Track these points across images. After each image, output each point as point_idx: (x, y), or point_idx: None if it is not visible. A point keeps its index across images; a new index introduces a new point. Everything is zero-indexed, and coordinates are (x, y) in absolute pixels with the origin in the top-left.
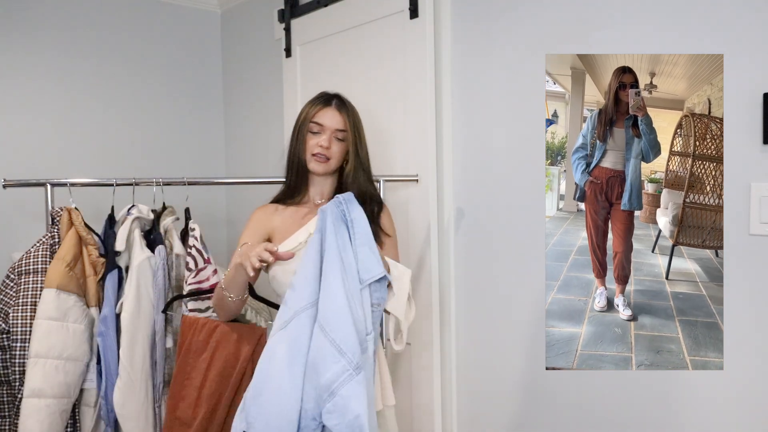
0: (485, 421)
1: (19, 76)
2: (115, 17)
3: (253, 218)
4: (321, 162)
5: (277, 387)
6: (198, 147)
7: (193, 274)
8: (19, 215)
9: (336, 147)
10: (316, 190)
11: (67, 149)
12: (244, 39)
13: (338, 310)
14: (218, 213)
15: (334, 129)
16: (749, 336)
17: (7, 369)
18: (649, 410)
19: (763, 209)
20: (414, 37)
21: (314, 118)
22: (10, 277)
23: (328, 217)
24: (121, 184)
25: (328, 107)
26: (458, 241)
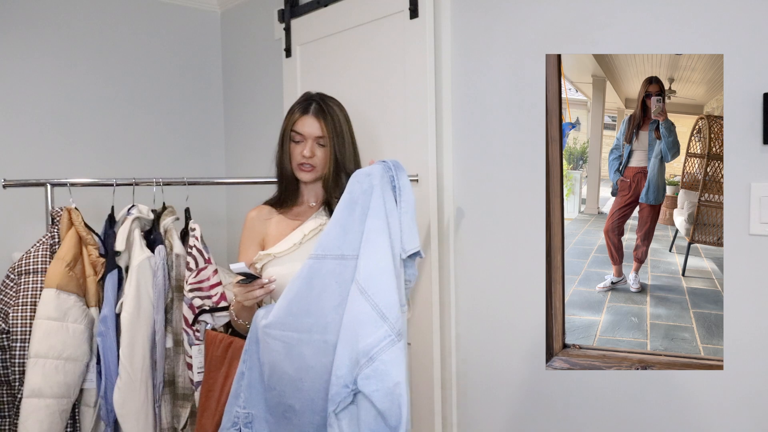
0: (485, 421)
1: (19, 76)
2: (115, 17)
3: (246, 225)
4: (307, 171)
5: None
6: (198, 147)
7: (194, 274)
8: (19, 215)
9: (320, 153)
10: (309, 193)
11: (67, 149)
12: (244, 39)
13: (383, 272)
14: (218, 213)
15: (315, 136)
16: (749, 336)
17: (7, 369)
18: (649, 410)
19: (763, 209)
20: (414, 37)
21: (294, 127)
22: (10, 277)
23: (376, 179)
24: (121, 184)
25: (306, 115)
26: (458, 241)
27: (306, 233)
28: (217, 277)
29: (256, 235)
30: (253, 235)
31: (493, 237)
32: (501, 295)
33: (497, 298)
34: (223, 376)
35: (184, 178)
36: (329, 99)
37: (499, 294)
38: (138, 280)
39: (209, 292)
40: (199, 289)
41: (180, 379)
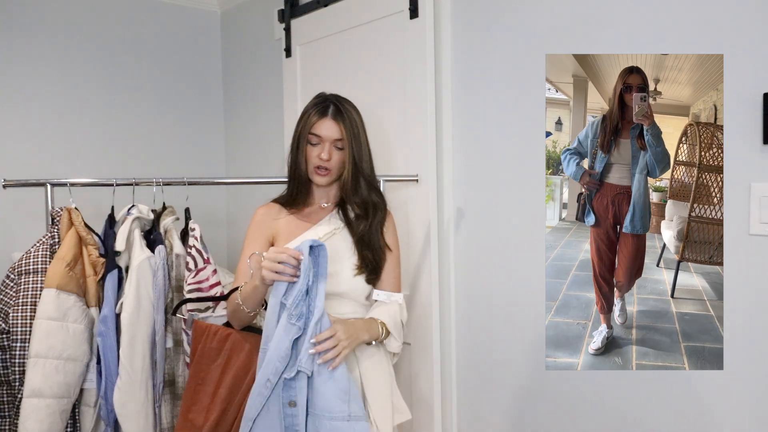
0: (485, 421)
1: (20, 76)
2: (115, 17)
3: (255, 220)
4: (323, 175)
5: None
6: (198, 147)
7: (193, 274)
8: (19, 215)
9: (336, 156)
10: (320, 195)
11: (67, 149)
12: (244, 39)
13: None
14: (218, 213)
15: (333, 139)
16: (749, 336)
17: (7, 369)
18: (649, 410)
19: (763, 209)
20: (414, 37)
21: (312, 130)
22: (10, 277)
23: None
24: (121, 184)
25: (324, 118)
26: (458, 241)
27: (320, 236)
28: (217, 277)
29: (265, 231)
30: (261, 230)
31: (492, 236)
32: (501, 295)
33: (497, 298)
34: (219, 369)
35: (184, 178)
36: (345, 101)
37: (498, 294)
38: (138, 280)
39: (208, 292)
40: (199, 290)
41: (180, 379)
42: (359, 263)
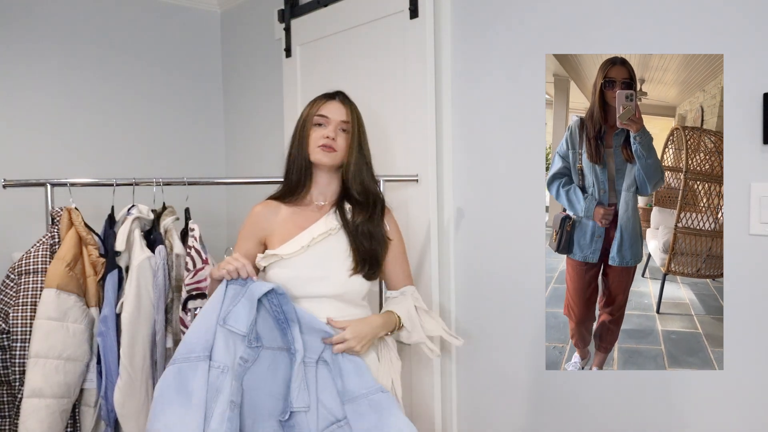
0: (485, 422)
1: (20, 76)
2: (115, 17)
3: (250, 219)
4: (327, 152)
5: None
6: (198, 147)
7: (191, 275)
8: (19, 215)
9: (341, 139)
10: (318, 189)
11: (67, 149)
12: (244, 39)
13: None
14: (218, 213)
15: (340, 120)
16: (749, 336)
17: (7, 369)
18: (649, 410)
19: (763, 209)
20: (414, 37)
21: (319, 111)
22: (10, 277)
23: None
24: (121, 184)
25: (332, 100)
26: (458, 241)
27: (315, 236)
28: None
29: (259, 231)
30: (255, 230)
31: (492, 236)
32: (501, 295)
33: (497, 298)
34: None
35: (184, 178)
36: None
37: (498, 293)
38: (138, 280)
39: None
40: (197, 290)
41: None
42: (354, 264)
